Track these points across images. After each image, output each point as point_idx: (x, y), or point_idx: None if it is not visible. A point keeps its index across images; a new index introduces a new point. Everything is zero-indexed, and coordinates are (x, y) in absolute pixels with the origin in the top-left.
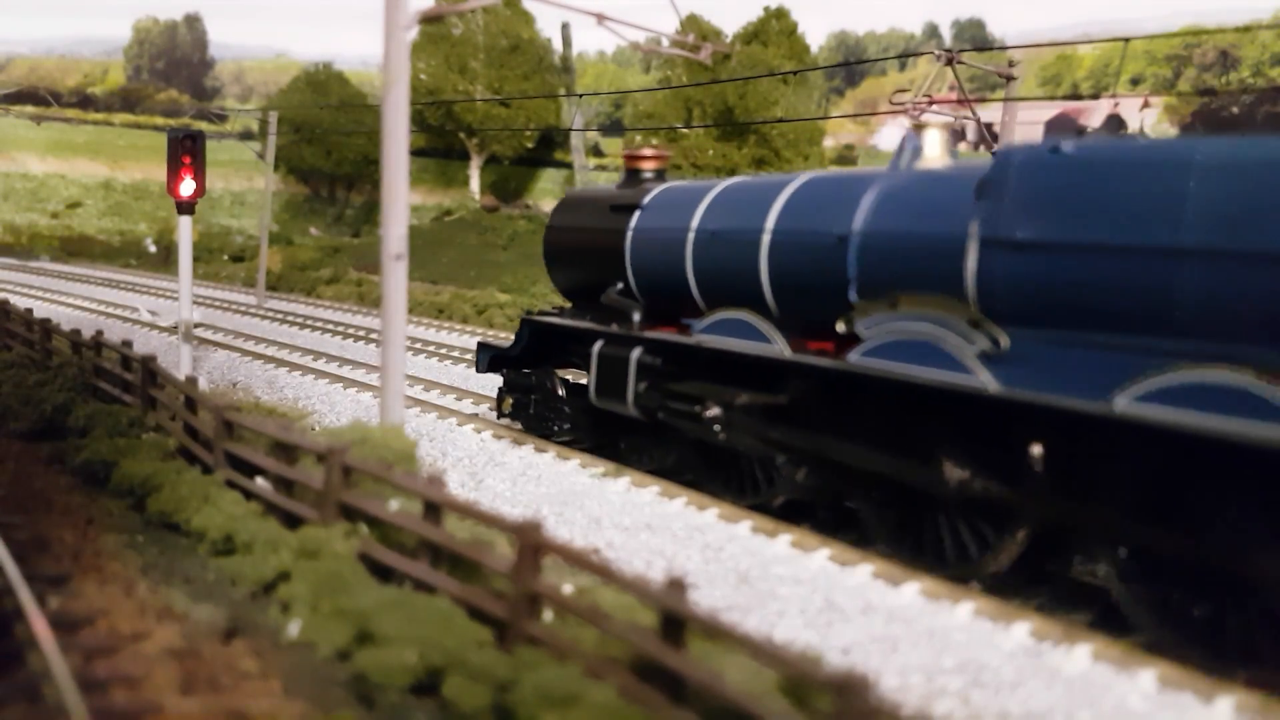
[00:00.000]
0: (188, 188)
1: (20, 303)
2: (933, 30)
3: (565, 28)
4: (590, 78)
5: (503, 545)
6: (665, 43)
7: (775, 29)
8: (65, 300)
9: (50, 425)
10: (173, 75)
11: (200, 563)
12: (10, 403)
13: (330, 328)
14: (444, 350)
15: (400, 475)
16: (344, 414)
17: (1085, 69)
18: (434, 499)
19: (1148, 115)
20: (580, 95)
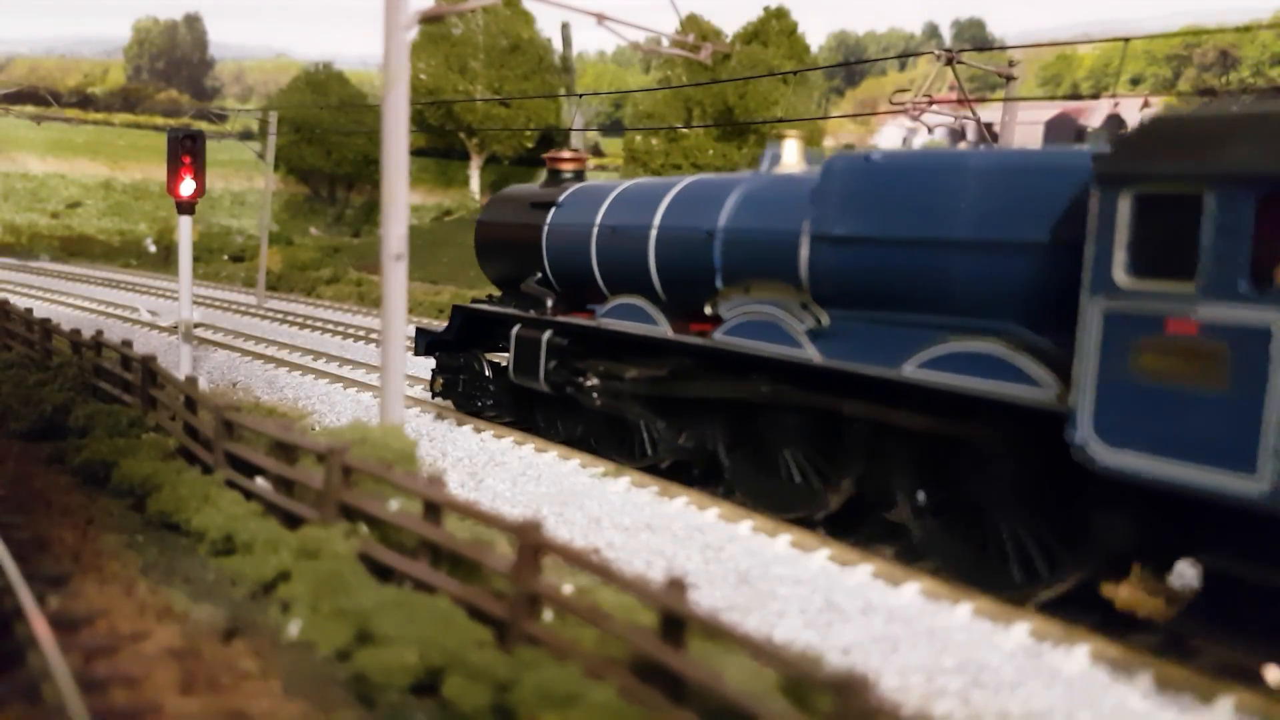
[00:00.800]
0: (188, 188)
1: (20, 303)
2: (933, 30)
3: (565, 28)
4: (590, 78)
5: (503, 545)
6: (665, 43)
7: (775, 29)
8: (65, 300)
9: (50, 425)
10: (173, 75)
11: (200, 563)
12: (10, 403)
13: (330, 328)
14: None
15: (400, 475)
16: (344, 414)
17: (1085, 69)
18: (434, 499)
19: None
20: (580, 95)
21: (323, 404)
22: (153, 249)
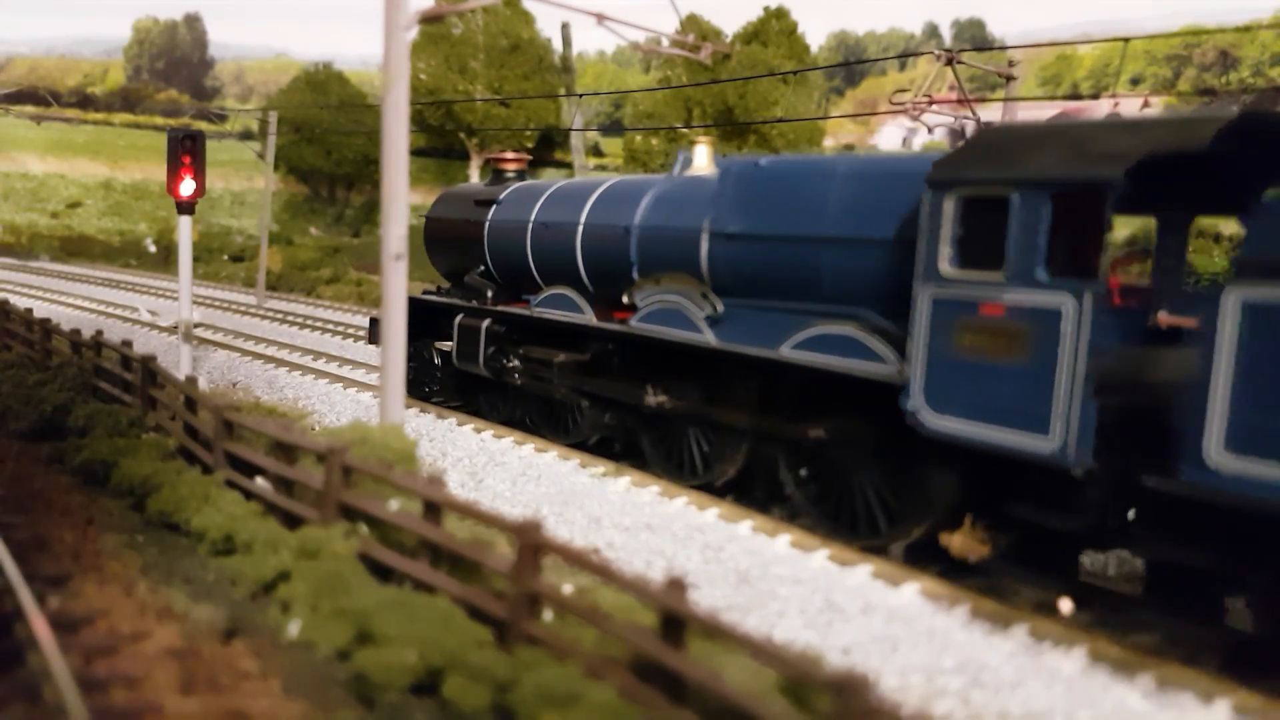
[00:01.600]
0: (188, 188)
1: (20, 303)
2: (933, 30)
3: (565, 28)
4: (590, 78)
5: (503, 545)
6: (665, 43)
7: (775, 29)
8: (65, 300)
9: (50, 425)
10: (173, 75)
11: (200, 563)
12: (10, 403)
13: (330, 328)
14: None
15: (400, 475)
16: (344, 414)
17: (1085, 69)
18: (434, 499)
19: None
20: (580, 95)
21: (323, 404)
22: (153, 249)
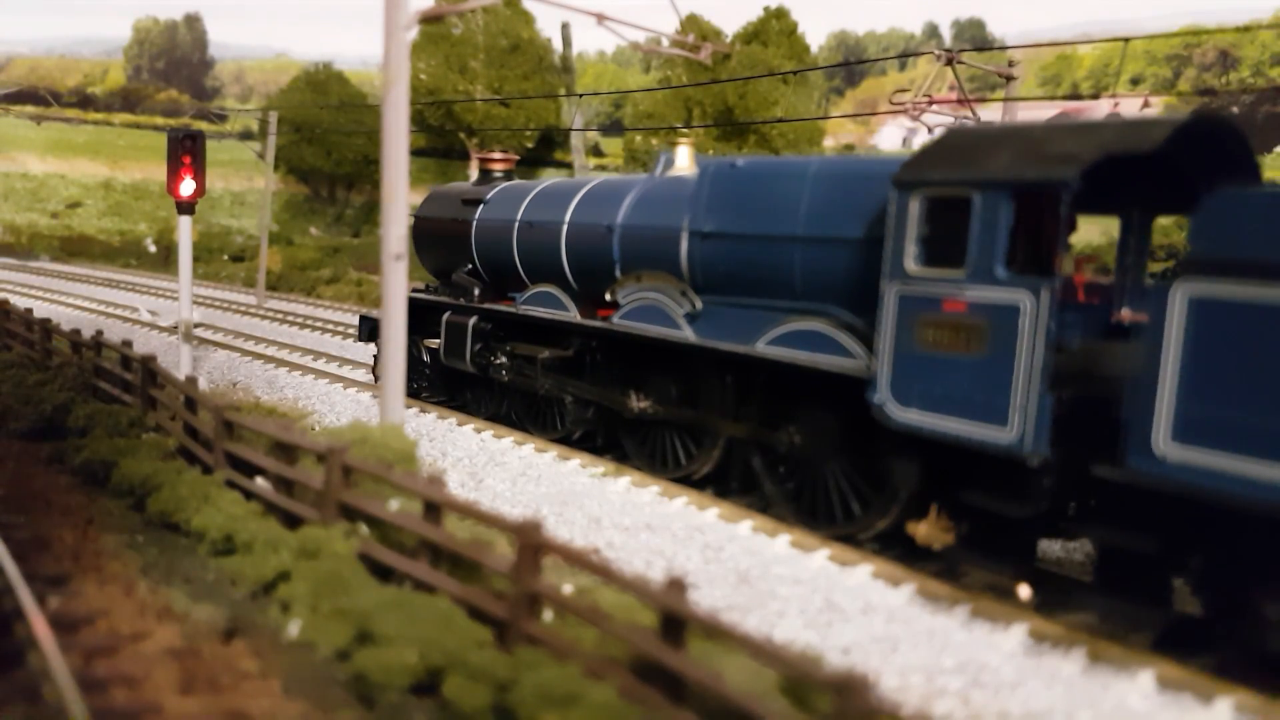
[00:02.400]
0: (188, 188)
1: (20, 303)
2: (933, 30)
3: (565, 28)
4: (590, 78)
5: (503, 545)
6: (665, 43)
7: (775, 29)
8: (65, 300)
9: (50, 425)
10: (173, 75)
11: (200, 563)
12: (10, 403)
13: (330, 328)
14: None
15: (400, 475)
16: (344, 414)
17: (1085, 69)
18: (434, 499)
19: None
20: (580, 95)
21: (323, 404)
22: (153, 249)
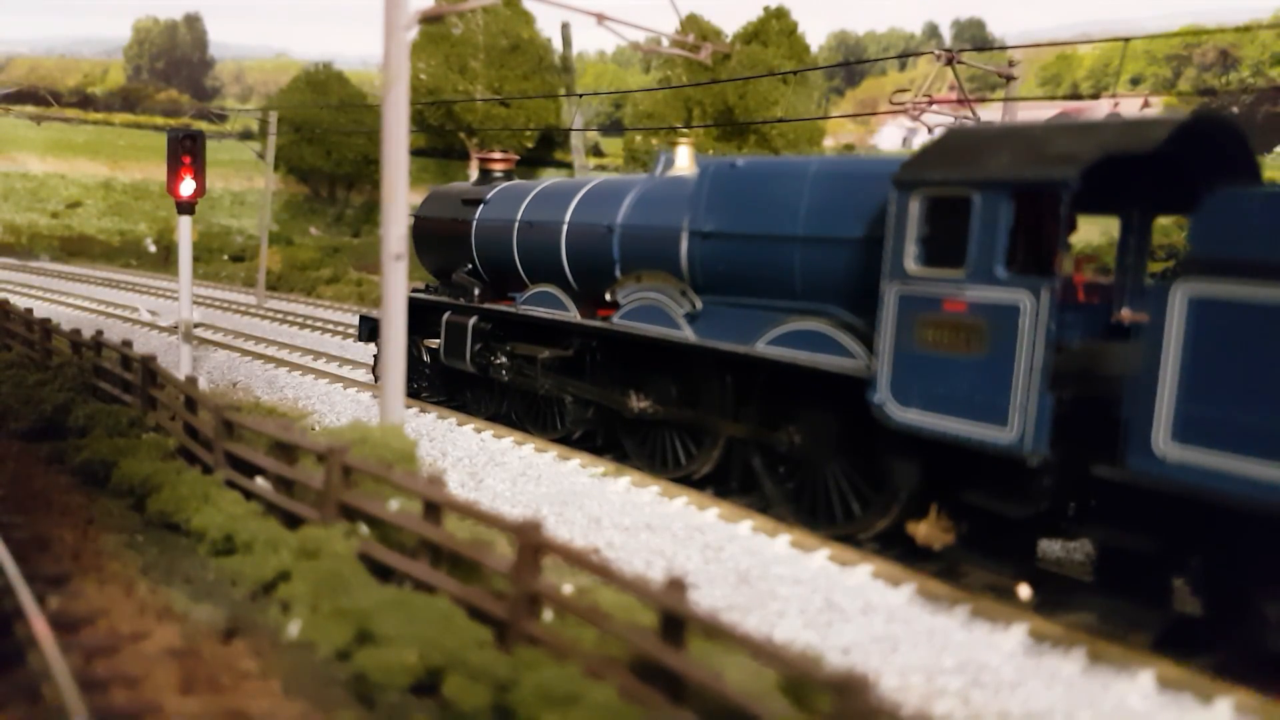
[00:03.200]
0: (188, 188)
1: (20, 303)
2: (933, 30)
3: (565, 28)
4: (590, 78)
5: (503, 545)
6: (665, 43)
7: (775, 29)
8: (65, 300)
9: (50, 425)
10: (173, 75)
11: (200, 563)
12: (10, 403)
13: (330, 328)
14: None
15: (400, 475)
16: (344, 414)
17: (1085, 69)
18: (434, 499)
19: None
20: (580, 95)
21: (323, 404)
22: (153, 249)
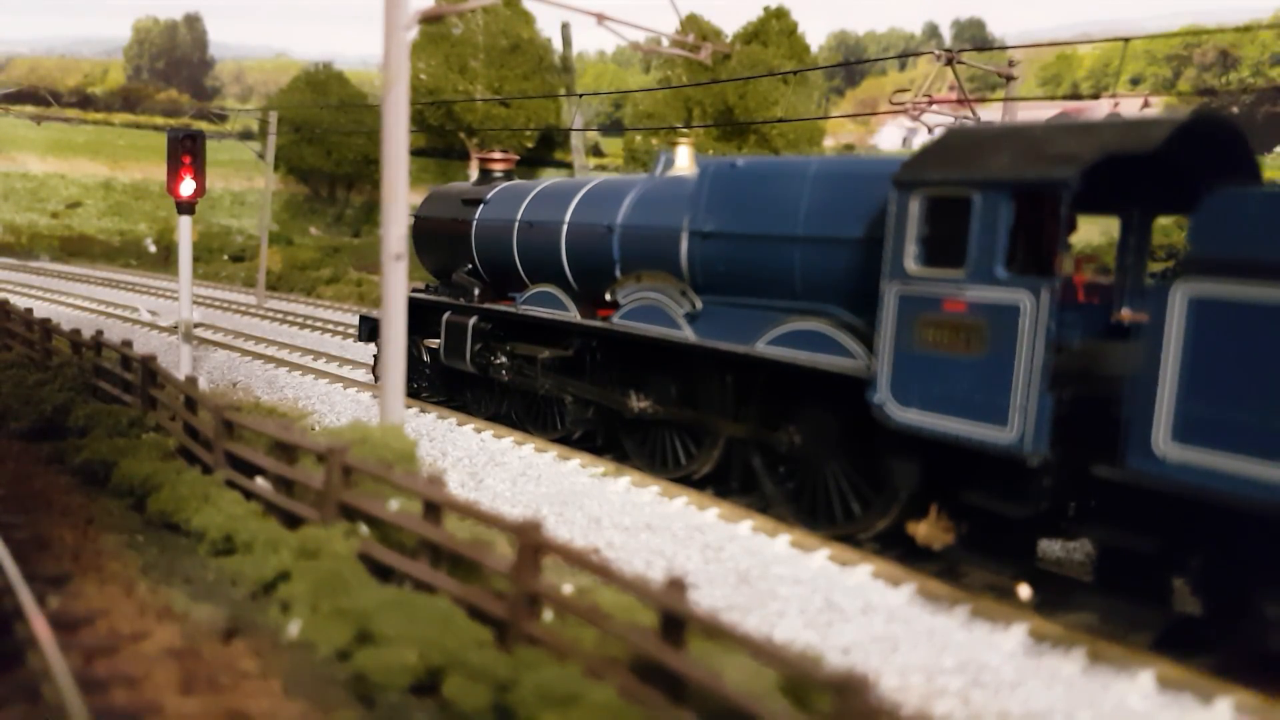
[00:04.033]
0: (188, 188)
1: (20, 303)
2: (933, 30)
3: (565, 28)
4: (590, 78)
5: (503, 545)
6: (665, 43)
7: (775, 29)
8: (65, 300)
9: (50, 425)
10: (173, 75)
11: (200, 563)
12: (10, 403)
13: (330, 328)
14: None
15: (400, 475)
16: (344, 414)
17: (1085, 69)
18: (434, 499)
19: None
20: (580, 95)
21: (323, 404)
22: (153, 249)
